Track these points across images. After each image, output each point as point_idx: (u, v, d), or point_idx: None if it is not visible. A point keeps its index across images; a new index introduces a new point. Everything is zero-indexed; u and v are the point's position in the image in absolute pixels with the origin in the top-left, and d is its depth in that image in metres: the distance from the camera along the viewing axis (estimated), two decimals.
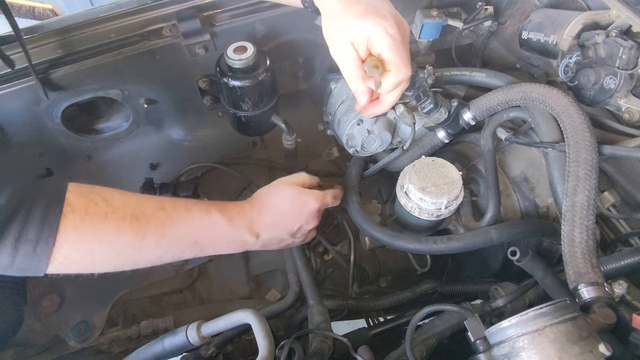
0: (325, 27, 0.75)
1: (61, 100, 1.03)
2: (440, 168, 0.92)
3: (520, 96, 0.92)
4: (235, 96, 1.00)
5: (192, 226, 0.73)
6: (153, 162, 1.30)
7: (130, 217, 0.66)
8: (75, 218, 0.60)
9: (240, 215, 0.79)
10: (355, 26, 0.70)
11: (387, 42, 0.70)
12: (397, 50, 0.71)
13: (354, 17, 0.70)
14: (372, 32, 0.70)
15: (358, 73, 0.74)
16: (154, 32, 1.01)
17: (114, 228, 0.64)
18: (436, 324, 0.87)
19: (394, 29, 0.70)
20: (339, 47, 0.73)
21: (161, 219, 0.69)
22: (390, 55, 0.71)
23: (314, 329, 0.89)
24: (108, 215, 0.63)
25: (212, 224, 0.75)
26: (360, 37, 0.71)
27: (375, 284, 1.35)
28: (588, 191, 0.76)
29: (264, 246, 0.84)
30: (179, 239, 0.72)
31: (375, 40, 0.71)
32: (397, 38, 0.71)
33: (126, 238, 0.66)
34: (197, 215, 0.73)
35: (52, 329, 1.13)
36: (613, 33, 0.89)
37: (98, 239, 0.63)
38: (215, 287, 1.31)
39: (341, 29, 0.71)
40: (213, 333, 0.79)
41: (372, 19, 0.69)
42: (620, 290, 0.71)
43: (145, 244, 0.68)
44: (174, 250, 0.72)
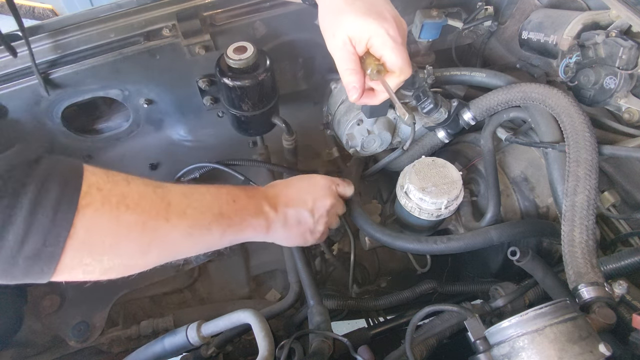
0: (324, 19, 0.75)
1: (61, 100, 1.03)
2: (440, 168, 0.92)
3: (520, 96, 0.92)
4: (235, 96, 1.00)
5: (214, 197, 0.70)
6: (153, 162, 1.30)
7: (152, 194, 0.61)
8: (94, 197, 0.53)
9: (253, 190, 0.80)
10: (357, 24, 0.70)
11: (390, 45, 0.70)
12: (400, 52, 0.71)
13: (355, 14, 0.70)
14: (374, 33, 0.70)
15: (352, 67, 0.74)
16: (154, 32, 1.01)
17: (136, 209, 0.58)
18: (436, 324, 0.87)
19: (395, 31, 0.70)
20: (336, 41, 0.73)
21: (183, 191, 0.66)
22: (394, 57, 0.71)
23: (314, 329, 0.89)
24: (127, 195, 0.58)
25: (231, 194, 0.72)
26: (360, 36, 0.71)
27: (375, 284, 1.35)
28: (588, 191, 0.76)
29: (284, 224, 0.80)
30: (204, 210, 0.67)
31: (377, 42, 0.71)
32: (398, 40, 0.71)
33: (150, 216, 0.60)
34: (213, 189, 0.71)
35: (53, 329, 1.14)
36: (613, 33, 0.89)
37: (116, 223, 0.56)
38: (215, 287, 1.31)
39: (341, 23, 0.71)
40: (213, 333, 0.79)
41: (374, 20, 0.69)
42: (620, 290, 0.71)
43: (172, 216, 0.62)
44: (201, 222, 0.66)
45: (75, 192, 0.51)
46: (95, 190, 0.54)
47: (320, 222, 0.86)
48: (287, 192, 0.82)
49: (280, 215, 0.79)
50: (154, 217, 0.60)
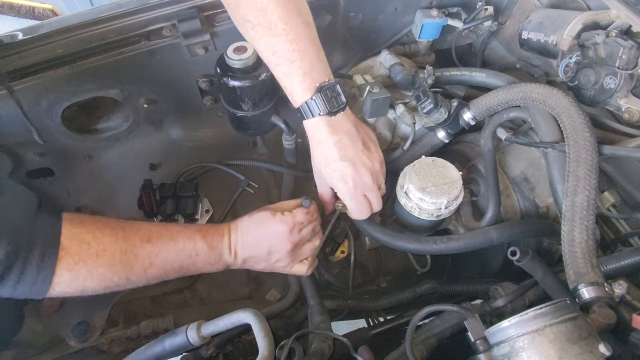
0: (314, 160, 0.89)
1: (61, 100, 1.03)
2: (440, 168, 0.92)
3: (520, 96, 0.92)
4: (235, 96, 1.00)
5: (177, 254, 0.82)
6: (153, 162, 1.30)
7: (119, 253, 0.74)
8: (69, 262, 0.69)
9: (219, 237, 0.87)
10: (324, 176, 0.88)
11: (345, 192, 0.86)
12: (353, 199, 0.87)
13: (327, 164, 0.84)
14: (334, 185, 0.87)
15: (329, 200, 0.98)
16: (154, 32, 1.01)
17: (105, 266, 0.73)
18: (436, 324, 0.87)
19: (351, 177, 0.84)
20: (323, 183, 0.93)
21: (147, 251, 0.78)
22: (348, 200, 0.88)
23: (314, 329, 0.89)
24: (100, 255, 0.72)
25: (196, 249, 0.84)
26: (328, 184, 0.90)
27: (375, 284, 1.35)
28: (588, 191, 0.76)
29: (244, 264, 0.91)
30: (165, 266, 0.81)
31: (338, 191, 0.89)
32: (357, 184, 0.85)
33: (116, 272, 0.75)
34: (181, 243, 0.82)
35: (53, 329, 1.14)
36: (613, 33, 0.89)
37: (90, 277, 0.72)
38: (215, 287, 1.31)
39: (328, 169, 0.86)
40: (213, 333, 0.79)
41: (335, 171, 0.84)
42: (620, 290, 0.71)
43: (134, 274, 0.77)
44: (160, 275, 0.81)
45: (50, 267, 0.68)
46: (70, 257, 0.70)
47: (284, 261, 0.93)
48: (245, 239, 0.89)
49: (239, 260, 0.89)
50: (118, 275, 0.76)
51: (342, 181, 0.84)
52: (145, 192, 1.17)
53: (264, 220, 0.90)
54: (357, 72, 1.12)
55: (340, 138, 0.82)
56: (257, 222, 0.90)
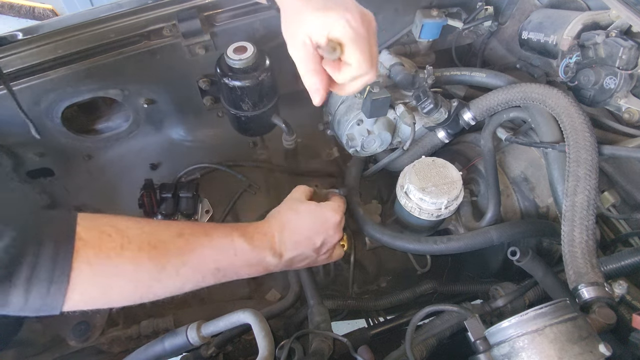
0: (284, 24, 0.69)
1: (61, 100, 1.03)
2: (440, 168, 0.92)
3: (520, 96, 0.92)
4: (236, 96, 1.00)
5: (213, 252, 0.71)
6: (153, 162, 1.30)
7: (147, 247, 0.63)
8: (88, 254, 0.57)
9: (261, 235, 0.77)
10: (315, 20, 0.63)
11: (349, 34, 0.63)
12: (360, 44, 0.64)
13: (314, 10, 0.63)
14: (333, 24, 0.63)
15: (313, 68, 0.67)
16: (154, 32, 1.01)
17: (131, 260, 0.61)
18: (436, 324, 0.87)
19: (358, 22, 0.63)
20: (295, 43, 0.66)
21: (180, 247, 0.67)
22: (352, 47, 0.64)
23: (314, 329, 0.89)
24: (124, 247, 0.61)
25: (234, 247, 0.73)
26: (319, 31, 0.64)
27: (375, 284, 1.35)
28: (588, 191, 0.76)
29: (286, 266, 0.81)
30: (200, 266, 0.70)
31: (336, 33, 0.63)
32: (360, 31, 0.63)
33: (145, 269, 0.63)
34: (217, 239, 0.71)
35: (53, 328, 1.13)
36: (613, 33, 0.89)
37: (115, 273, 0.60)
38: (215, 287, 1.29)
39: (300, 23, 0.65)
40: (213, 333, 0.79)
41: (334, 11, 0.62)
42: (620, 290, 0.71)
43: (165, 274, 0.65)
44: (195, 278, 0.70)
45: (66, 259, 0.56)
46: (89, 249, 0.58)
47: (324, 257, 0.87)
48: (296, 237, 0.79)
49: (283, 262, 0.79)
50: (145, 285, 0.64)
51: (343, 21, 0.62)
52: (146, 191, 1.17)
53: (315, 214, 0.81)
54: None
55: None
56: (307, 217, 0.81)
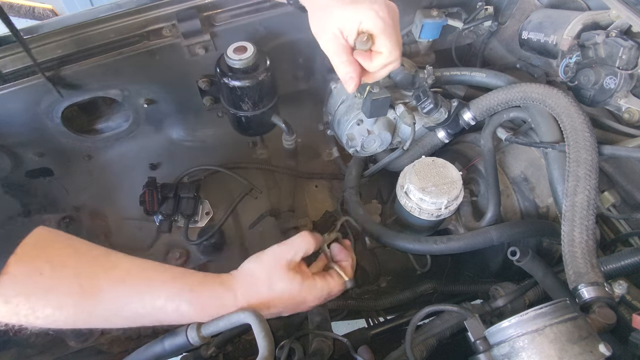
0: (313, 21, 0.74)
1: (61, 100, 1.03)
2: (440, 168, 0.92)
3: (520, 96, 0.92)
4: (235, 96, 1.00)
5: (152, 312, 0.64)
6: (153, 162, 1.30)
7: (77, 294, 0.58)
8: (7, 292, 0.55)
9: (215, 304, 0.70)
10: (345, 14, 0.69)
11: (379, 25, 0.69)
12: (389, 33, 0.70)
13: (343, 5, 0.69)
14: (364, 16, 0.68)
15: (347, 59, 0.72)
16: (154, 32, 1.01)
17: (54, 307, 0.57)
18: (436, 324, 0.87)
19: (385, 12, 0.69)
20: (327, 37, 0.72)
21: (114, 298, 0.61)
22: (382, 37, 0.70)
23: (314, 329, 0.89)
24: (50, 290, 0.57)
25: (178, 312, 0.67)
26: (350, 24, 0.69)
27: (375, 284, 1.35)
28: (588, 191, 0.76)
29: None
30: (135, 321, 0.65)
31: (367, 24, 0.69)
32: (388, 21, 0.69)
33: (68, 316, 0.59)
34: (161, 300, 0.64)
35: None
36: (613, 33, 0.89)
37: (33, 316, 0.57)
38: None
39: (330, 17, 0.70)
40: (213, 333, 0.79)
41: (362, 5, 0.68)
42: (620, 290, 0.71)
43: (92, 322, 0.62)
44: (127, 326, 0.65)
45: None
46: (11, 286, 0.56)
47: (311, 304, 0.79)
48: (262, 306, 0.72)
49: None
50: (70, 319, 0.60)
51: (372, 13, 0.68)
52: (148, 189, 1.17)
53: (292, 297, 0.72)
54: None
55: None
56: (282, 297, 0.72)
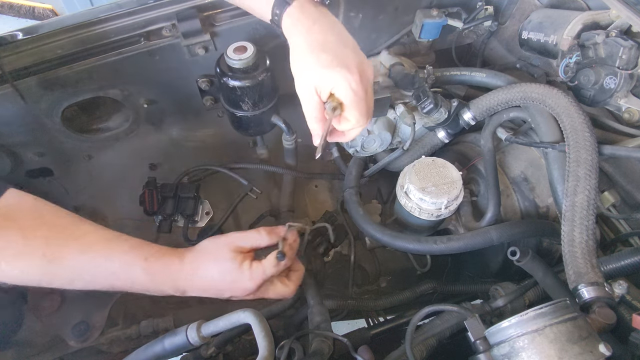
0: (293, 63, 0.77)
1: (61, 100, 1.03)
2: (440, 168, 0.92)
3: (520, 96, 0.92)
4: (235, 96, 1.00)
5: (110, 276, 0.72)
6: (153, 162, 1.30)
7: (44, 260, 0.66)
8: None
9: (166, 274, 0.75)
10: (321, 76, 0.72)
11: (350, 96, 0.72)
12: (358, 104, 0.74)
13: (320, 67, 0.72)
14: (337, 84, 0.72)
15: (316, 116, 0.76)
16: (153, 32, 1.01)
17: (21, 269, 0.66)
18: (436, 324, 0.87)
19: (357, 83, 0.72)
20: (302, 90, 0.76)
21: (76, 265, 0.69)
22: (351, 108, 0.74)
23: (314, 329, 0.89)
24: (19, 257, 0.65)
25: (132, 279, 0.73)
26: (324, 86, 0.73)
27: (375, 284, 1.35)
28: (588, 191, 0.76)
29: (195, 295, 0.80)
30: (94, 284, 0.72)
31: (339, 93, 0.73)
32: (359, 93, 0.73)
33: (35, 275, 0.67)
34: (117, 266, 0.71)
35: (53, 328, 1.13)
36: (613, 33, 0.89)
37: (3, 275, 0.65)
38: None
39: (307, 74, 0.74)
40: (213, 333, 0.79)
41: (338, 72, 0.71)
42: (620, 290, 0.71)
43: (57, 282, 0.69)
44: (88, 289, 0.72)
45: None
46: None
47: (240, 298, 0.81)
48: (202, 283, 0.77)
49: (187, 295, 0.79)
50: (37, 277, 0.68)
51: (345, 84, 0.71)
52: (148, 188, 1.17)
53: (229, 272, 0.77)
54: None
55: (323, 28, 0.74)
56: (220, 272, 0.77)
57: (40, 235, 0.67)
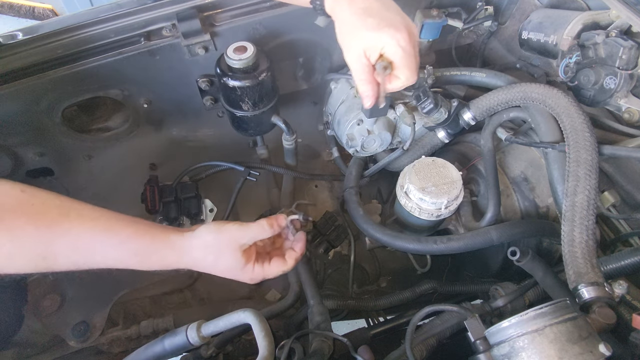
0: (340, 35, 0.80)
1: (61, 100, 1.03)
2: (440, 168, 0.92)
3: (520, 96, 0.92)
4: (235, 96, 1.00)
5: (105, 265, 0.72)
6: (153, 162, 1.30)
7: (36, 258, 0.67)
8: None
9: (160, 264, 0.75)
10: (370, 39, 0.75)
11: (399, 54, 0.75)
12: (408, 61, 0.77)
13: (368, 30, 0.74)
14: (386, 44, 0.75)
15: (367, 78, 0.79)
16: (154, 32, 1.01)
17: (16, 268, 0.67)
18: (436, 324, 0.87)
19: (406, 41, 0.75)
20: (352, 54, 0.78)
21: (69, 262, 0.70)
22: (402, 65, 0.77)
23: (314, 329, 0.89)
24: (11, 258, 0.66)
25: (126, 266, 0.73)
26: (373, 48, 0.76)
27: (375, 284, 1.35)
28: (588, 191, 0.76)
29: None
30: (92, 268, 0.72)
31: (389, 52, 0.76)
32: (408, 50, 0.75)
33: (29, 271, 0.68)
34: (110, 263, 0.72)
35: (53, 328, 1.14)
36: (613, 33, 0.89)
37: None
38: (215, 287, 1.31)
39: (355, 39, 0.77)
40: (213, 333, 0.79)
41: (386, 32, 0.74)
42: (620, 290, 0.71)
43: (48, 271, 0.70)
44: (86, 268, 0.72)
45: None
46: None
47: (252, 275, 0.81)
48: (205, 269, 0.78)
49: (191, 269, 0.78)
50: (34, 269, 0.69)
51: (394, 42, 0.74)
52: (149, 185, 1.16)
53: (230, 270, 0.78)
54: None
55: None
56: (222, 270, 0.78)
57: (28, 234, 0.67)
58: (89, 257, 0.71)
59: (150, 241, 0.74)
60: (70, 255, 0.70)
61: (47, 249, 0.68)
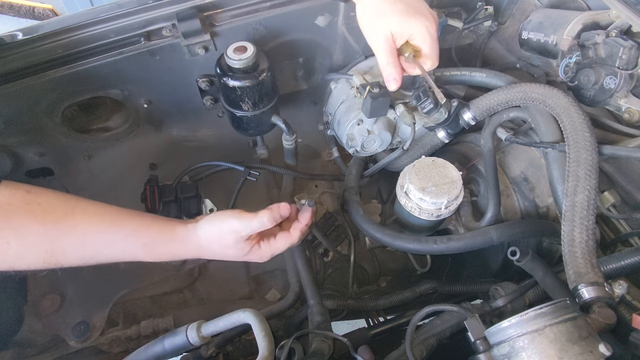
0: (363, 18, 0.84)
1: (61, 100, 1.03)
2: (440, 168, 0.92)
3: (520, 96, 0.92)
4: (235, 96, 1.00)
5: (113, 258, 0.74)
6: (153, 162, 1.30)
7: (43, 255, 0.68)
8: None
9: (167, 254, 0.78)
10: (399, 24, 0.79)
11: (428, 42, 0.81)
12: (434, 47, 0.83)
13: (399, 15, 0.79)
14: (417, 31, 0.80)
15: (393, 61, 0.84)
16: (154, 32, 1.01)
17: (25, 265, 0.68)
18: (436, 324, 0.87)
19: (433, 28, 0.81)
20: (379, 39, 0.82)
21: (76, 257, 0.71)
22: (430, 51, 0.83)
23: (314, 329, 0.89)
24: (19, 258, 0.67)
25: (135, 258, 0.76)
26: (402, 34, 0.81)
27: (375, 284, 1.35)
28: (588, 191, 0.76)
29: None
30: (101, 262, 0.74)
31: (418, 38, 0.81)
32: (434, 36, 0.82)
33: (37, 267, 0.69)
34: (116, 256, 0.74)
35: (53, 328, 1.13)
36: (613, 33, 0.89)
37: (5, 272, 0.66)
38: (215, 287, 1.31)
39: (384, 22, 0.80)
40: (213, 333, 0.79)
41: (417, 19, 0.79)
42: (620, 290, 0.71)
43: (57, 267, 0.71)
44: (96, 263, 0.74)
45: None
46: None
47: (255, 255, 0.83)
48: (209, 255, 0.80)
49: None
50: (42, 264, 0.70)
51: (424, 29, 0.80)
52: (150, 185, 1.16)
53: (235, 256, 0.81)
54: (357, 72, 1.12)
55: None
56: (226, 256, 0.81)
57: (36, 232, 0.68)
58: (96, 251, 0.73)
59: (156, 233, 0.77)
60: (78, 251, 0.71)
61: (55, 246, 0.69)
